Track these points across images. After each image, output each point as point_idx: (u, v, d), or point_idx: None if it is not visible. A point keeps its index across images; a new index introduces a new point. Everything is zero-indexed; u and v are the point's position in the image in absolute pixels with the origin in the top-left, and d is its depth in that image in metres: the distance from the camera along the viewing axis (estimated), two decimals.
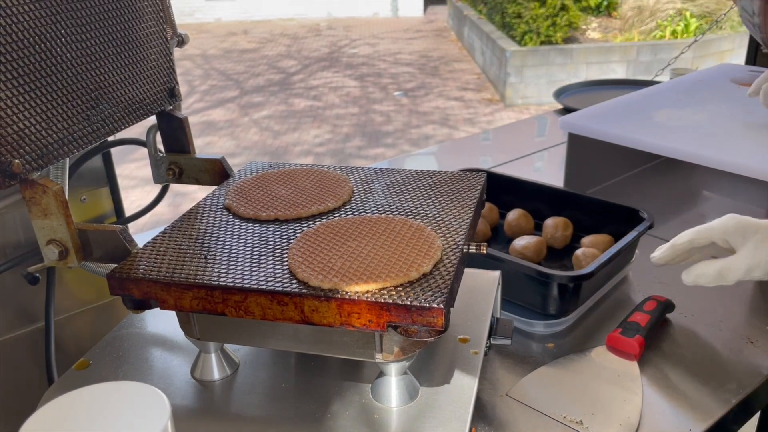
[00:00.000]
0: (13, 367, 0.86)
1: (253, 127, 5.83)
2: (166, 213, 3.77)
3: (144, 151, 0.89)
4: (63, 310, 0.91)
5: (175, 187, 0.95)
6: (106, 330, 0.77)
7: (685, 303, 0.97)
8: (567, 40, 6.60)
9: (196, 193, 4.05)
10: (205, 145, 5.34)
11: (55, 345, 0.83)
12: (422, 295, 0.55)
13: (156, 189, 0.94)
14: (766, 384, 0.81)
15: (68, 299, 0.92)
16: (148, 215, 1.02)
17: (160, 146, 0.85)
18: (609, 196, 1.11)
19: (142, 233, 1.07)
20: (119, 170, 0.99)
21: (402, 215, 0.70)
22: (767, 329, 0.90)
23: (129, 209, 1.02)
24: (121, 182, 1.01)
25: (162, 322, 0.77)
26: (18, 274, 0.82)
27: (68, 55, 0.64)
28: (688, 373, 0.82)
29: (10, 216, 0.84)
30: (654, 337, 0.88)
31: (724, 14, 1.80)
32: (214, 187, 0.82)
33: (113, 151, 0.97)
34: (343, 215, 0.71)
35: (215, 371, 0.68)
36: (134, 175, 4.46)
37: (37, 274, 0.82)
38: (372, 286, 0.56)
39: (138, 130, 0.82)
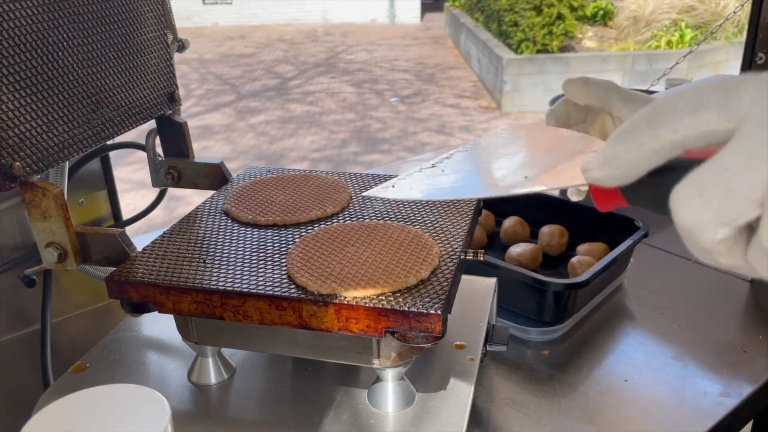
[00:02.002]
0: (8, 370, 0.86)
1: (250, 131, 5.84)
2: (161, 217, 3.76)
3: (139, 154, 0.89)
4: (59, 313, 0.91)
5: (169, 191, 0.96)
6: (102, 333, 0.77)
7: (679, 311, 0.97)
8: (563, 49, 6.63)
9: (191, 197, 4.05)
10: (201, 149, 5.34)
11: (51, 348, 0.83)
12: (420, 301, 0.55)
13: (150, 193, 0.95)
14: (760, 392, 0.82)
15: (64, 302, 0.92)
16: (142, 219, 1.02)
17: (159, 150, 0.85)
18: None
19: (136, 237, 1.07)
20: (114, 173, 0.99)
21: (400, 222, 0.70)
22: (760, 338, 0.91)
23: (123, 212, 1.02)
24: (116, 185, 1.01)
25: (159, 325, 0.78)
26: (14, 276, 0.82)
27: (70, 59, 0.64)
28: (681, 381, 0.83)
29: (7, 219, 0.84)
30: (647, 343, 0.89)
31: (719, 25, 1.82)
32: (211, 192, 0.82)
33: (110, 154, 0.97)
34: (341, 221, 0.71)
35: (212, 375, 0.68)
36: (129, 178, 4.45)
37: (34, 277, 0.82)
38: (370, 292, 0.56)
39: (134, 133, 0.82)
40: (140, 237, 1.10)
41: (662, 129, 0.33)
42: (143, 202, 1.00)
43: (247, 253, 0.65)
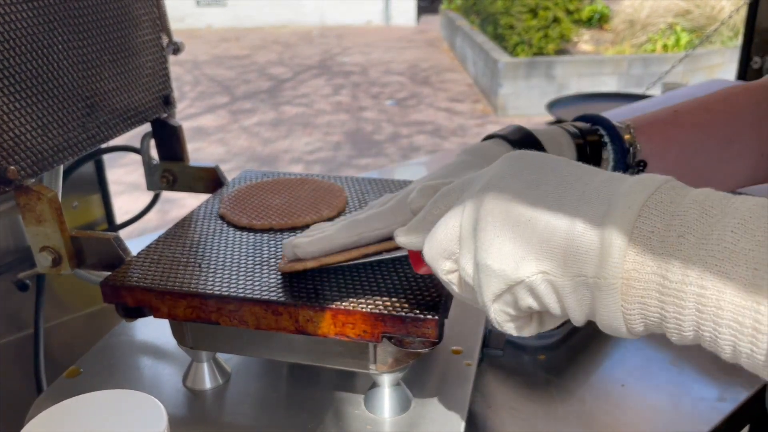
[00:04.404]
0: (1, 375, 0.86)
1: (244, 133, 5.83)
2: (154, 220, 3.75)
3: (133, 156, 0.89)
4: (52, 318, 0.90)
5: (163, 193, 0.96)
6: (95, 338, 0.77)
7: None
8: (559, 52, 6.65)
9: (185, 199, 4.04)
10: (194, 151, 5.31)
11: (44, 353, 0.83)
12: (417, 306, 0.55)
13: (144, 195, 0.94)
14: (756, 397, 0.82)
15: (57, 307, 0.92)
16: (135, 222, 1.02)
17: (154, 153, 0.85)
18: None
19: (129, 240, 1.06)
20: (108, 175, 0.99)
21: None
22: None
23: (117, 215, 1.01)
24: (110, 187, 1.00)
25: (153, 330, 0.77)
26: (7, 280, 0.81)
27: (65, 62, 0.64)
28: (678, 386, 0.83)
29: (0, 222, 0.83)
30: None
31: (715, 29, 1.82)
32: (206, 196, 0.81)
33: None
34: None
35: (207, 380, 0.68)
36: (123, 180, 4.44)
37: (27, 281, 0.81)
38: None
39: (128, 135, 0.82)
40: (134, 240, 1.09)
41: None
42: (137, 204, 0.99)
43: (242, 258, 0.64)
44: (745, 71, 1.77)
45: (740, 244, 0.32)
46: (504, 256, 0.40)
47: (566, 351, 0.90)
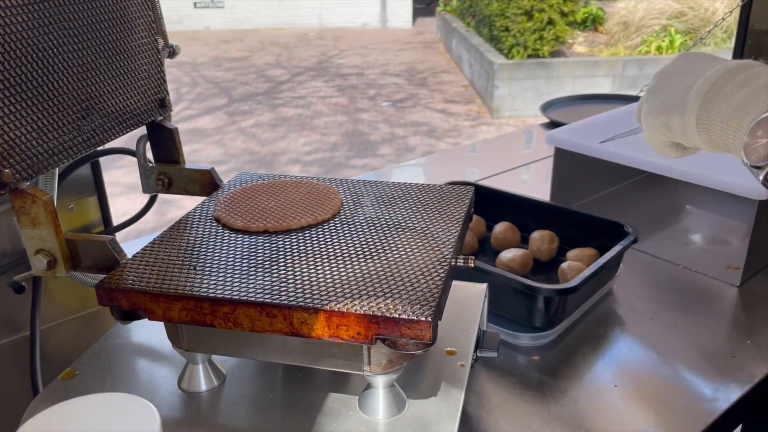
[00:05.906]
0: None
1: (241, 135, 5.83)
2: (151, 221, 3.75)
3: (130, 158, 0.89)
4: (47, 320, 0.91)
5: (161, 196, 0.96)
6: (91, 340, 0.77)
7: (668, 317, 0.98)
8: (554, 54, 6.66)
9: (182, 201, 4.04)
10: (192, 153, 5.33)
11: (40, 355, 0.83)
12: (410, 308, 0.55)
13: (142, 196, 0.94)
14: (748, 397, 0.82)
15: (53, 309, 0.92)
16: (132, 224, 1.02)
17: (150, 156, 0.85)
18: (594, 210, 1.13)
19: (126, 242, 1.06)
20: (105, 177, 0.99)
21: (391, 228, 0.71)
22: (748, 343, 0.91)
23: (115, 217, 1.01)
24: (107, 189, 1.00)
25: (149, 332, 0.77)
26: (4, 283, 0.81)
27: (60, 65, 0.64)
28: (670, 386, 0.83)
29: None
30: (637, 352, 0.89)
31: (709, 31, 1.83)
32: (203, 198, 0.82)
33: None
34: (332, 227, 0.71)
35: (202, 382, 0.68)
36: (120, 182, 4.44)
37: (23, 283, 0.81)
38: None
39: (125, 137, 0.82)
40: (130, 242, 1.10)
41: None
42: (135, 205, 0.99)
43: (237, 260, 0.65)
44: None
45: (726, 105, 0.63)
46: (647, 111, 0.73)
47: (560, 352, 0.90)
